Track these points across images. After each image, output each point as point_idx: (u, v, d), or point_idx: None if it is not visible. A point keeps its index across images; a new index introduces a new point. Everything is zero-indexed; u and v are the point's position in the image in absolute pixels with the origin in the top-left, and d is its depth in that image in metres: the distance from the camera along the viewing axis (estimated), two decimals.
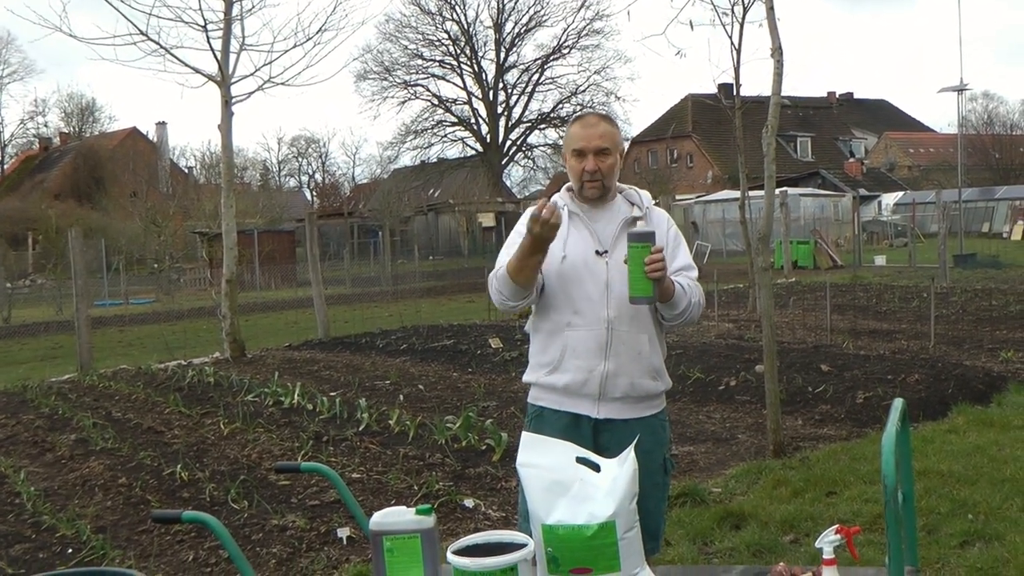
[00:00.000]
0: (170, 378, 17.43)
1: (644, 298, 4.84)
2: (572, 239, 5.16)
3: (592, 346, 5.10)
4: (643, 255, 4.74)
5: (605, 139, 5.15)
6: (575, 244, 5.15)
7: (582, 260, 5.11)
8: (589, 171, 5.14)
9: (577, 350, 5.10)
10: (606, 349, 5.09)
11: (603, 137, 5.15)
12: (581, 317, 5.11)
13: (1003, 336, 17.76)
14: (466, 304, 32.44)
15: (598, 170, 5.13)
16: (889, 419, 3.76)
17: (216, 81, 20.87)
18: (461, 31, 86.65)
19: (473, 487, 9.68)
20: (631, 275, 4.80)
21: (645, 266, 4.73)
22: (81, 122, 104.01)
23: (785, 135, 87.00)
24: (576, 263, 5.11)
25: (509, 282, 5.01)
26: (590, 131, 5.17)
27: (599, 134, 5.15)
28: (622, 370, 5.11)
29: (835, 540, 3.86)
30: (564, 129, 65.02)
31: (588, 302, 5.10)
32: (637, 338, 5.13)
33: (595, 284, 5.11)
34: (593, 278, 5.11)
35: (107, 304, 43.11)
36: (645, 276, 4.75)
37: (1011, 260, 39.08)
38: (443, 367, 17.46)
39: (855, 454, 10.04)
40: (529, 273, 4.95)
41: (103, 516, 9.43)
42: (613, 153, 5.17)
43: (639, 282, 4.79)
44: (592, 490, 4.09)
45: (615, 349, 5.09)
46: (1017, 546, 7.07)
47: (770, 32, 11.15)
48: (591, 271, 5.11)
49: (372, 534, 4.24)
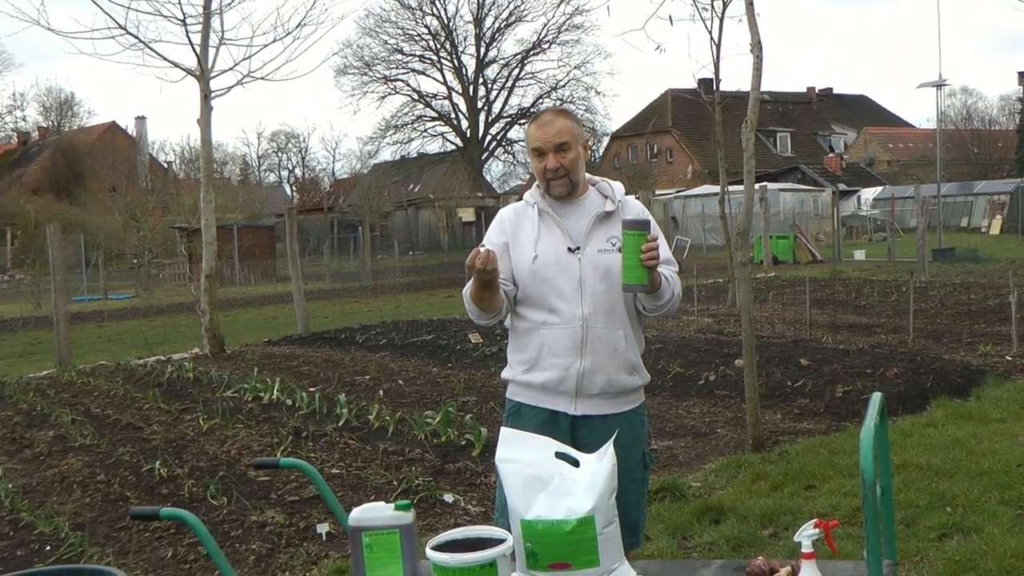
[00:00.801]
0: (149, 374, 17.39)
1: (639, 286, 4.82)
2: (543, 238, 5.15)
3: (568, 344, 5.08)
4: (639, 243, 4.73)
5: (563, 134, 5.09)
6: (546, 243, 5.14)
7: (554, 259, 5.10)
8: (551, 169, 5.10)
9: (553, 348, 5.09)
10: (582, 347, 5.08)
11: (560, 133, 5.09)
12: (556, 315, 5.10)
13: (982, 330, 17.80)
14: (446, 299, 32.42)
15: (560, 166, 5.09)
16: (867, 413, 3.77)
17: (195, 75, 20.81)
18: (441, 26, 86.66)
19: (453, 482, 9.67)
20: (626, 262, 4.77)
21: (641, 254, 4.71)
22: (60, 116, 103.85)
23: (765, 130, 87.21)
24: (548, 262, 5.10)
25: (474, 308, 5.10)
26: (546, 129, 5.11)
27: (556, 131, 5.09)
28: (599, 367, 5.10)
29: (814, 534, 3.87)
30: None
31: (562, 300, 5.10)
32: (613, 334, 5.12)
33: (568, 282, 5.09)
34: (566, 276, 5.09)
35: (86, 299, 43.00)
36: (640, 264, 4.73)
37: (989, 254, 39.21)
38: (423, 362, 17.45)
39: (834, 448, 10.06)
40: (489, 301, 5.03)
41: (81, 513, 9.41)
42: (574, 147, 5.12)
43: (634, 270, 4.76)
44: (571, 485, 4.09)
45: (591, 346, 5.08)
46: (995, 539, 7.08)
47: (750, 27, 11.16)
48: (564, 269, 5.09)
49: (351, 530, 4.24)
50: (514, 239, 5.21)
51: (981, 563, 6.72)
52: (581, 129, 5.24)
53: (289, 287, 25.73)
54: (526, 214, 5.25)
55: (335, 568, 7.55)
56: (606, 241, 5.12)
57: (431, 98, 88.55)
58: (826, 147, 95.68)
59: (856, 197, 70.69)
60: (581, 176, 5.20)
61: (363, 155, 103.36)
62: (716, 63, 23.35)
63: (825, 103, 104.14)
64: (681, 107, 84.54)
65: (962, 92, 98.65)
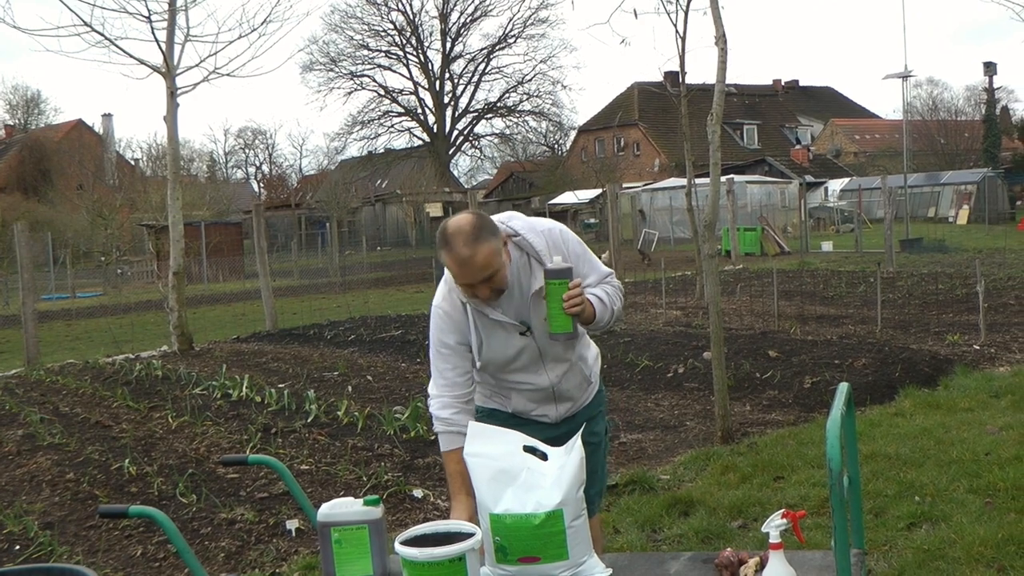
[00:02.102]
0: (118, 372, 17.33)
1: (564, 334, 4.75)
2: (488, 339, 4.88)
3: (540, 398, 5.10)
4: (561, 292, 4.65)
5: (488, 266, 4.57)
6: (493, 342, 4.89)
7: (506, 352, 4.91)
8: (483, 298, 4.73)
9: (527, 403, 5.12)
10: (554, 399, 5.12)
11: (484, 266, 4.56)
12: (525, 385, 5.05)
13: (949, 319, 17.86)
14: (414, 294, 32.38)
15: (491, 291, 4.70)
16: (834, 403, 3.79)
17: (161, 72, 20.76)
18: (407, 21, 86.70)
19: (422, 477, 9.67)
20: (550, 311, 4.69)
21: (564, 303, 4.64)
22: (27, 114, 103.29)
23: (731, 123, 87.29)
24: (501, 358, 4.93)
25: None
26: (467, 268, 4.58)
27: (480, 266, 4.57)
28: (570, 400, 5.19)
29: (781, 524, 3.88)
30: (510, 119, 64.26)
31: (526, 373, 5.01)
32: (578, 375, 5.17)
33: (530, 360, 4.97)
34: (526, 355, 4.95)
35: (54, 298, 42.86)
36: (564, 312, 4.67)
37: (957, 244, 39.34)
38: (391, 358, 17.43)
39: (803, 439, 10.08)
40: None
41: (51, 512, 9.37)
42: (498, 263, 4.61)
43: (558, 318, 4.70)
44: (539, 479, 4.10)
45: (562, 395, 5.14)
46: (963, 527, 7.12)
47: (714, 20, 11.18)
48: (520, 352, 4.93)
49: (320, 525, 4.25)
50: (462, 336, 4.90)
51: (950, 551, 6.75)
52: (498, 232, 4.65)
53: (257, 284, 25.68)
54: (466, 312, 4.86)
55: (305, 564, 7.55)
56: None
57: (397, 94, 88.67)
58: (793, 139, 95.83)
59: (823, 188, 70.78)
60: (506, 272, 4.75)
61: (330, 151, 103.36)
62: (682, 56, 23.43)
63: (791, 95, 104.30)
64: (647, 100, 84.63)
65: (928, 83, 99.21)
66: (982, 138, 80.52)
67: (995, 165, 71.06)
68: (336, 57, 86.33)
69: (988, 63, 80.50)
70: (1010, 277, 24.82)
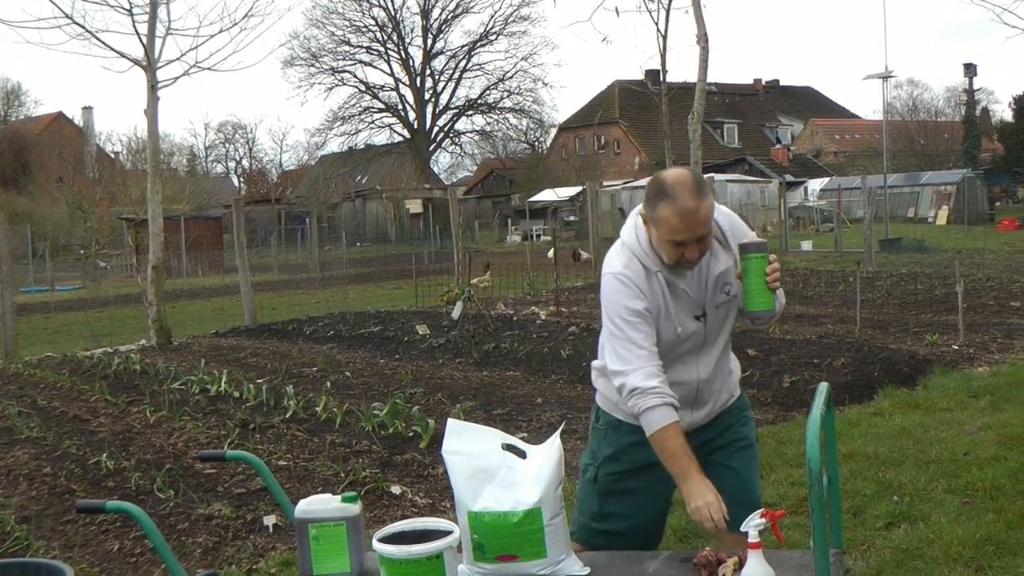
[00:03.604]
0: (96, 366, 17.27)
1: (767, 312, 4.61)
2: (668, 313, 4.66)
3: (683, 398, 4.70)
4: (763, 266, 4.50)
5: (707, 222, 4.44)
6: (672, 317, 4.66)
7: (677, 331, 4.68)
8: (690, 260, 4.52)
9: None
10: (694, 402, 4.85)
11: (706, 222, 4.43)
12: (673, 373, 4.69)
13: (928, 319, 17.90)
14: (393, 291, 32.38)
15: (699, 255, 4.54)
16: (813, 403, 3.78)
17: (142, 66, 20.71)
18: (388, 17, 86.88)
19: (400, 474, 9.65)
20: (752, 288, 4.52)
21: (766, 276, 4.51)
22: (6, 106, 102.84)
23: (712, 122, 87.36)
24: (671, 337, 4.68)
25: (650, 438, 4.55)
26: (691, 220, 4.38)
27: (703, 220, 4.41)
28: (709, 406, 4.93)
29: (760, 523, 3.88)
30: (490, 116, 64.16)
31: (680, 367, 4.75)
32: (723, 375, 4.97)
33: (692, 348, 4.75)
34: (691, 342, 4.73)
35: (32, 291, 42.80)
36: (767, 288, 4.53)
37: (936, 244, 39.43)
38: (370, 354, 17.40)
39: (781, 438, 10.10)
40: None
41: (27, 506, 9.34)
42: (711, 231, 4.53)
43: (761, 295, 4.54)
44: (518, 476, 4.10)
45: (703, 399, 4.89)
46: (942, 527, 7.13)
47: (696, 19, 11.24)
48: (689, 337, 4.71)
49: (298, 522, 4.24)
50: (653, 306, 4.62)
51: (928, 551, 6.77)
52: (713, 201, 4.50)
53: (236, 278, 25.61)
54: (652, 281, 4.62)
55: (282, 560, 7.53)
56: (721, 292, 4.72)
57: (378, 90, 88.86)
58: (773, 138, 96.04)
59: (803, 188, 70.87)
60: None
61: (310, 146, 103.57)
62: (663, 54, 23.33)
63: (772, 95, 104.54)
64: (628, 98, 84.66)
65: (908, 84, 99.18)
66: (962, 139, 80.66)
67: (975, 166, 71.22)
68: (317, 52, 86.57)
69: (968, 64, 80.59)
70: (989, 277, 24.89)
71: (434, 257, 46.46)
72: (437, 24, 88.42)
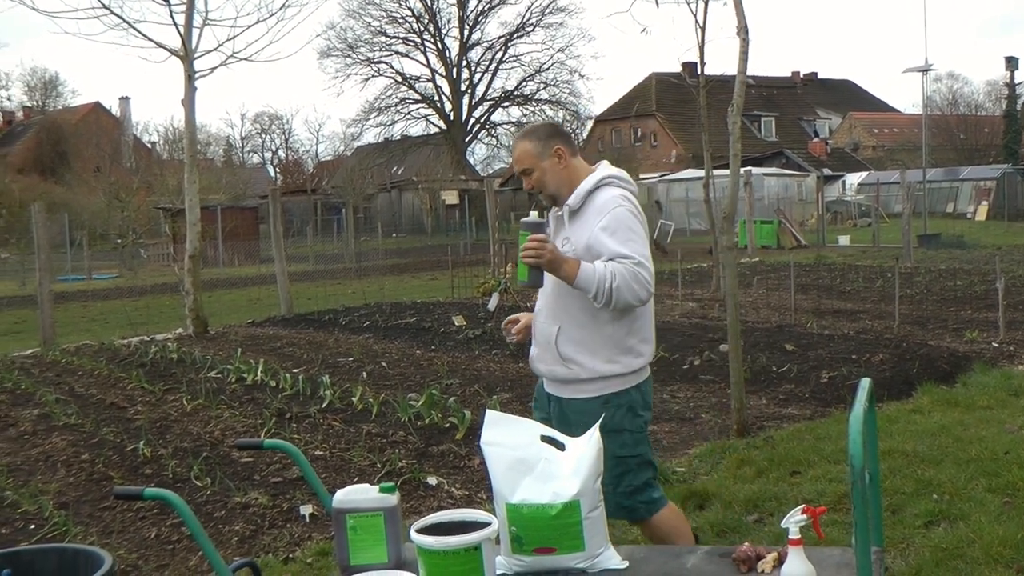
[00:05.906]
0: (133, 354, 17.33)
1: (522, 282, 5.18)
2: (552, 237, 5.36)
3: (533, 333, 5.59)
4: (523, 242, 5.07)
5: (521, 161, 5.39)
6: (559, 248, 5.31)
7: None
8: (527, 188, 5.46)
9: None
10: (533, 336, 5.59)
11: (520, 160, 5.41)
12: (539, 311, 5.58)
13: (968, 316, 17.81)
14: (429, 282, 32.42)
15: (532, 186, 5.43)
16: (856, 398, 3.74)
17: (179, 56, 20.75)
18: (425, 8, 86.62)
19: (436, 465, 9.65)
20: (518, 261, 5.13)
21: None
22: (44, 96, 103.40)
23: (749, 115, 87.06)
24: None
25: None
26: (513, 157, 5.51)
27: (516, 158, 5.44)
28: (539, 356, 5.50)
29: (801, 520, 3.85)
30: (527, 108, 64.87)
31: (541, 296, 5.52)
32: (549, 328, 5.41)
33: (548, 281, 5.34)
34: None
35: (70, 279, 42.95)
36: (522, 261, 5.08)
37: (975, 240, 39.25)
38: (406, 344, 17.42)
39: (819, 434, 10.04)
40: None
41: (65, 492, 9.38)
42: (535, 168, 5.36)
43: (520, 267, 5.14)
44: (557, 469, 4.08)
45: (536, 337, 5.55)
46: (982, 526, 7.07)
47: (736, 10, 11.13)
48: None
49: (335, 512, 4.23)
50: None
51: (968, 551, 6.71)
52: (546, 142, 5.39)
53: (272, 268, 25.68)
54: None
55: (318, 550, 7.53)
56: (561, 243, 5.31)
57: (415, 80, 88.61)
58: (811, 132, 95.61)
59: (841, 182, 70.73)
60: (562, 187, 5.40)
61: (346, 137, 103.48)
62: (701, 46, 23.38)
63: (810, 88, 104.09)
64: (665, 91, 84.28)
65: (948, 77, 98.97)
66: (1002, 134, 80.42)
67: (1015, 161, 70.83)
68: (353, 43, 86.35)
69: (1010, 58, 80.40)
70: None
71: (470, 248, 46.36)
72: (474, 15, 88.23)
